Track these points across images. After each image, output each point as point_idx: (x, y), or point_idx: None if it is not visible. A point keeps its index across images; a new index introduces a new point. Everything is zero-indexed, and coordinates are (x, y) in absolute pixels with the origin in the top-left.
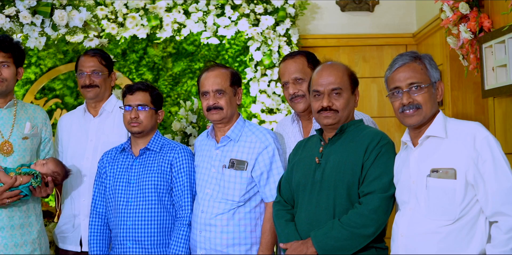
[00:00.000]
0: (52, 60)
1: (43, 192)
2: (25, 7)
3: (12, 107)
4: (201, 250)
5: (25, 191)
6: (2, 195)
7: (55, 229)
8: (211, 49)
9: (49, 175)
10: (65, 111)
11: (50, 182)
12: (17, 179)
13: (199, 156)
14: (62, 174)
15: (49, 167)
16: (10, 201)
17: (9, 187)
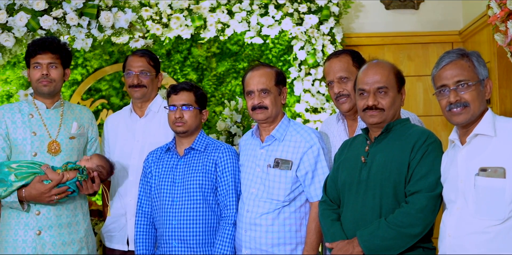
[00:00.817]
0: (98, 61)
1: (89, 189)
2: (72, 9)
3: (59, 108)
4: (246, 249)
5: (72, 186)
6: (51, 192)
7: (102, 228)
8: (255, 48)
9: (94, 169)
10: (111, 112)
11: (96, 177)
12: (64, 175)
13: (244, 155)
14: (107, 168)
15: (93, 162)
16: (59, 198)
17: (57, 183)
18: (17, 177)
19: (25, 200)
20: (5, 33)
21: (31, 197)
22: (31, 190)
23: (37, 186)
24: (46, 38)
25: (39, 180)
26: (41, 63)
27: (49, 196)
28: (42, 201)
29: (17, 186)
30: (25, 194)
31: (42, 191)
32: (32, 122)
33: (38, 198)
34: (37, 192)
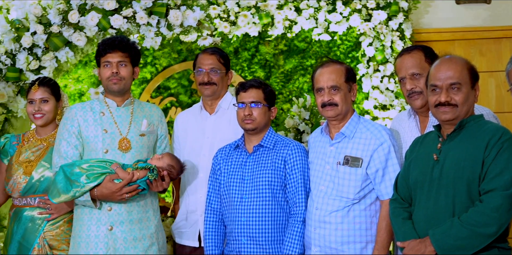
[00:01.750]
0: (167, 60)
1: (159, 186)
2: (141, 8)
3: (129, 106)
4: (316, 247)
5: (143, 185)
6: (121, 191)
7: (173, 224)
8: (323, 45)
9: (164, 168)
10: (180, 110)
11: (166, 176)
12: (134, 174)
13: (313, 152)
14: (177, 168)
15: (164, 161)
16: (129, 196)
17: (128, 182)
18: (88, 178)
19: (97, 198)
20: (77, 33)
21: (103, 196)
22: (102, 189)
23: (108, 185)
24: (116, 37)
25: (110, 179)
26: (111, 62)
27: (120, 195)
28: (114, 199)
29: (89, 187)
30: (97, 193)
31: (113, 190)
32: (103, 120)
33: (110, 196)
34: (108, 191)
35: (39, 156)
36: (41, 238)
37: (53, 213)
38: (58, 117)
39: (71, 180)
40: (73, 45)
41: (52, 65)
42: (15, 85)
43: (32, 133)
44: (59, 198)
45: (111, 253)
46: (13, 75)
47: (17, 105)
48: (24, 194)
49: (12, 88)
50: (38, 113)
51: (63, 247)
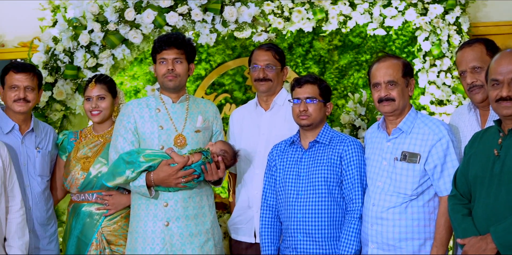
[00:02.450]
0: (221, 56)
1: (214, 174)
2: (196, 5)
3: (184, 102)
4: (373, 244)
5: (198, 169)
6: (177, 174)
7: (229, 221)
8: (378, 40)
9: (218, 154)
10: (234, 106)
11: (221, 162)
12: (189, 158)
13: (369, 148)
14: (231, 153)
15: (217, 146)
16: (185, 181)
17: (183, 165)
18: (145, 158)
19: (153, 184)
20: (133, 30)
21: (159, 180)
22: (158, 172)
23: (164, 168)
24: (171, 34)
25: (166, 163)
26: (167, 59)
27: (176, 178)
28: (170, 183)
29: (145, 166)
30: (153, 177)
31: (170, 172)
32: (159, 117)
33: (166, 180)
34: (164, 174)
35: (96, 152)
36: (99, 233)
37: (111, 208)
38: (114, 114)
39: (127, 162)
40: (129, 43)
41: (109, 62)
42: (73, 82)
43: (89, 130)
44: (114, 181)
45: (167, 248)
46: (71, 73)
47: (75, 102)
48: (82, 189)
49: (70, 86)
50: (95, 110)
51: (120, 242)
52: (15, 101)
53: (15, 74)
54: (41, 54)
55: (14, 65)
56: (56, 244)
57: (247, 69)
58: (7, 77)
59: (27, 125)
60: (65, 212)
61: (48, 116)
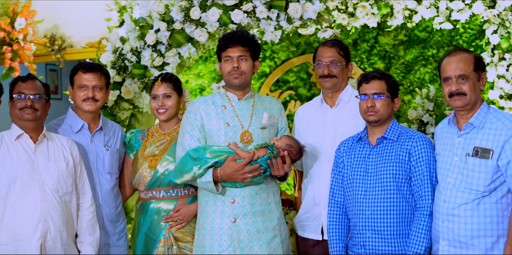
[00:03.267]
0: (285, 53)
1: (280, 169)
2: (261, 3)
3: (250, 99)
4: (444, 240)
5: (264, 164)
6: (244, 169)
7: (295, 218)
8: (444, 34)
9: (284, 148)
10: (299, 103)
11: (287, 156)
12: (255, 153)
13: (439, 144)
14: (296, 147)
15: (283, 141)
16: (252, 176)
17: (249, 160)
18: (211, 154)
19: (220, 180)
20: (199, 29)
21: (226, 175)
22: (225, 168)
23: (230, 164)
24: (236, 32)
25: (232, 159)
26: (232, 57)
27: (243, 174)
28: (236, 179)
29: (211, 162)
30: (220, 173)
31: (236, 168)
32: (225, 114)
33: (233, 175)
34: (231, 170)
35: (163, 150)
36: (167, 230)
37: (183, 222)
38: (180, 112)
39: (194, 158)
40: (195, 41)
41: (175, 61)
42: (141, 81)
43: (156, 128)
44: (182, 178)
45: (235, 245)
46: (138, 72)
47: (143, 101)
48: (150, 187)
49: (137, 85)
50: (161, 108)
51: (187, 239)
52: (84, 100)
53: (84, 74)
54: (109, 54)
55: (83, 65)
56: (126, 240)
57: (312, 66)
58: (76, 77)
59: (96, 124)
60: (133, 209)
61: (117, 115)
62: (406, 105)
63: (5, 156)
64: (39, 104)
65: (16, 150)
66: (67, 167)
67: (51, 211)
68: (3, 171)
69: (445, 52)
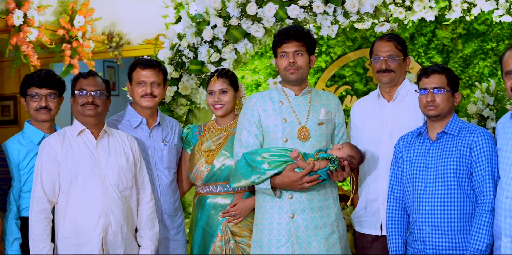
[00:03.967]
0: (341, 48)
1: (339, 176)
2: None
3: (307, 95)
4: (506, 237)
5: (323, 175)
6: (302, 180)
7: (353, 213)
8: (504, 27)
9: (345, 159)
10: (355, 98)
11: (347, 166)
12: (315, 164)
13: (502, 138)
14: (358, 158)
15: (344, 151)
16: (310, 185)
17: (308, 171)
18: (270, 165)
19: (278, 187)
20: (255, 24)
21: (284, 184)
22: (283, 178)
23: (289, 174)
24: (291, 27)
25: (291, 168)
26: (287, 52)
27: (301, 184)
28: (294, 188)
29: (270, 174)
30: (278, 182)
31: (294, 179)
32: (282, 110)
33: (291, 185)
34: (289, 180)
35: (219, 145)
36: (224, 224)
37: (240, 217)
38: (236, 107)
39: (252, 166)
40: (251, 37)
41: (232, 57)
42: (198, 77)
43: (212, 123)
44: (239, 183)
45: (293, 240)
46: (195, 68)
47: (200, 96)
48: (207, 182)
49: (194, 81)
50: (217, 104)
51: (244, 234)
52: (142, 96)
53: (142, 70)
54: (166, 50)
55: (141, 62)
56: (184, 234)
57: (368, 60)
58: (134, 74)
59: (154, 120)
60: (191, 204)
61: (174, 111)
62: (465, 100)
63: (68, 151)
64: (100, 100)
65: (78, 145)
66: (127, 162)
67: (112, 205)
68: (65, 166)
69: (506, 45)
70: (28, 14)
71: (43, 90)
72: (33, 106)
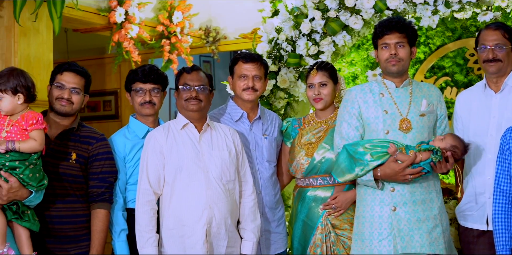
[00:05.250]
0: (441, 39)
1: (443, 168)
2: None
3: (408, 86)
4: None
5: (427, 167)
6: (404, 171)
7: (457, 207)
8: None
9: (448, 149)
10: (455, 90)
11: (450, 157)
12: (417, 156)
13: None
14: (461, 148)
15: (447, 142)
16: (412, 178)
17: (410, 163)
18: (372, 156)
19: (380, 178)
20: (354, 16)
21: (386, 175)
22: (386, 169)
23: (391, 165)
24: (393, 18)
25: (394, 159)
26: (389, 44)
27: (403, 175)
28: (397, 179)
29: (373, 165)
30: (380, 173)
31: (397, 170)
32: (383, 101)
33: (393, 177)
34: (391, 171)
35: (319, 138)
36: (324, 217)
37: (340, 209)
38: (336, 100)
39: (354, 158)
40: (349, 29)
41: (330, 49)
42: (296, 70)
43: (312, 116)
44: (344, 177)
45: (395, 233)
46: (293, 61)
47: (298, 89)
48: (307, 174)
49: (293, 74)
50: (317, 97)
51: (345, 227)
52: (244, 90)
53: (244, 64)
54: (264, 44)
55: (243, 56)
56: (284, 227)
57: (468, 51)
58: (236, 67)
59: (254, 113)
60: (290, 197)
61: (272, 104)
62: None
63: (172, 144)
64: (203, 95)
65: (182, 139)
66: (230, 155)
67: (216, 198)
68: (170, 159)
69: None
70: (129, 12)
71: (147, 85)
72: (137, 101)
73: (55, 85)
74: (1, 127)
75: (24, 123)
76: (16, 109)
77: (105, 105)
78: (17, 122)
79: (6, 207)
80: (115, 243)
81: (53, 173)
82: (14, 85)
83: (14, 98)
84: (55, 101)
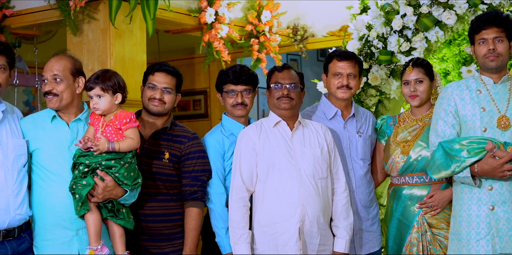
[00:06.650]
0: None
1: None
2: None
3: (506, 82)
4: None
5: None
6: (502, 167)
7: None
8: None
9: None
10: None
11: None
12: None
13: None
14: None
15: None
16: (511, 174)
17: (509, 159)
18: (469, 152)
19: (477, 175)
20: (447, 11)
21: (483, 171)
22: (483, 165)
23: (489, 161)
24: (490, 12)
25: (491, 155)
26: (487, 39)
27: (502, 171)
28: (495, 176)
29: (470, 161)
30: (477, 169)
31: (494, 165)
32: (480, 98)
33: (491, 173)
34: (489, 167)
35: (415, 135)
36: (421, 216)
37: (437, 208)
38: (432, 97)
39: (450, 155)
40: (442, 24)
41: (422, 45)
42: (387, 67)
43: (407, 113)
44: (439, 174)
45: (493, 233)
46: (385, 58)
47: (390, 87)
48: (402, 173)
49: (384, 71)
50: (413, 94)
51: (441, 226)
52: (338, 88)
53: (339, 62)
54: (355, 41)
55: (338, 53)
56: (378, 226)
57: None
58: (331, 65)
59: (348, 111)
60: (382, 195)
61: (364, 102)
62: None
63: (265, 142)
64: (294, 93)
65: (275, 136)
66: (322, 153)
67: (308, 196)
68: (262, 156)
69: None
70: (219, 12)
71: (239, 86)
72: (229, 103)
73: (147, 86)
74: (97, 128)
75: (118, 122)
76: (111, 108)
77: (195, 105)
78: (111, 122)
79: (102, 205)
80: (222, 240)
81: (147, 172)
82: (115, 85)
83: (113, 98)
84: (148, 102)
